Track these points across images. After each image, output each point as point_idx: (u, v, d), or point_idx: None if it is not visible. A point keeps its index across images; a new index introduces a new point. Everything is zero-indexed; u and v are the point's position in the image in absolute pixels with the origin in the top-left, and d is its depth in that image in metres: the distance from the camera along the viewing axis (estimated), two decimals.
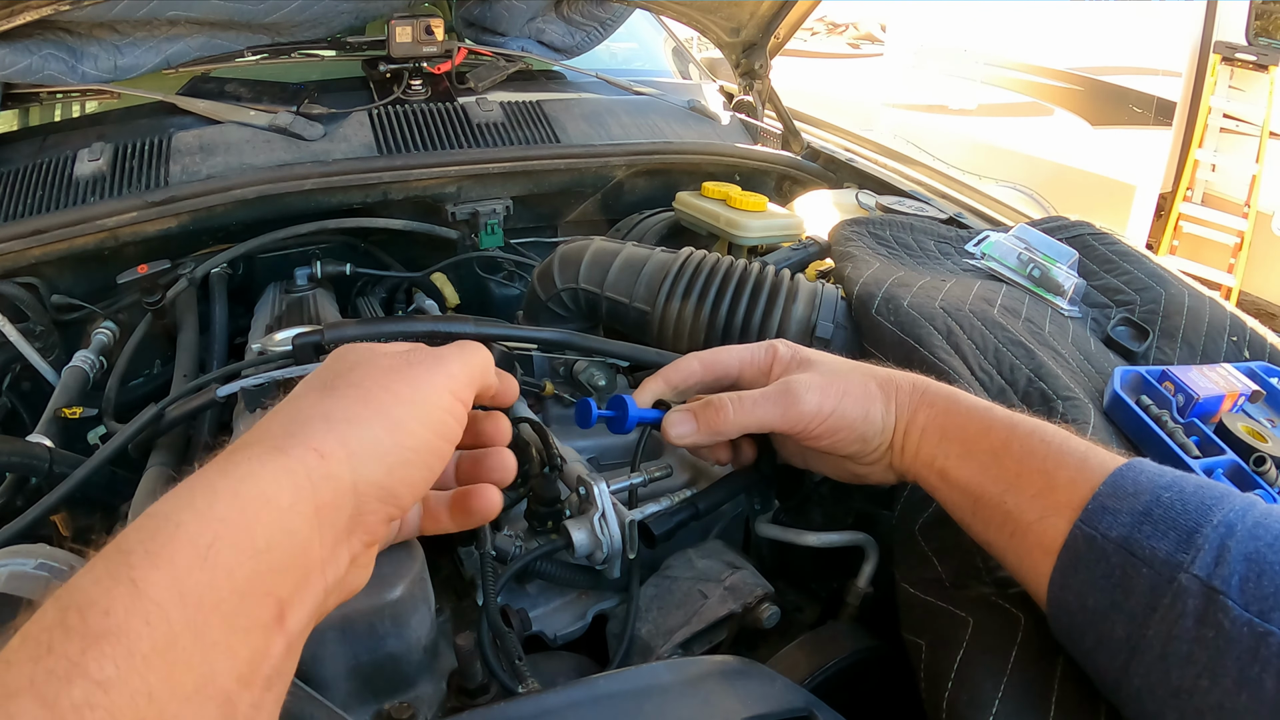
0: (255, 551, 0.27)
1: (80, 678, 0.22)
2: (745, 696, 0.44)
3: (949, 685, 0.45)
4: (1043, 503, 0.43)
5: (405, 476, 0.35)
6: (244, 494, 0.29)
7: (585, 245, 0.90)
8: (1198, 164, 3.24)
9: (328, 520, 0.31)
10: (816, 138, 1.48)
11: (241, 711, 0.26)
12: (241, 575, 0.27)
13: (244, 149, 1.07)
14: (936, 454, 0.50)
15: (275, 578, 0.28)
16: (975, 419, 0.50)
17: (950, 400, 0.52)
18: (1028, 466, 0.45)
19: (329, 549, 0.31)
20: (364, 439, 0.33)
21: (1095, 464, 0.44)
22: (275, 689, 0.28)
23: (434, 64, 1.24)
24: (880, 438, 0.53)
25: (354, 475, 0.32)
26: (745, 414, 0.53)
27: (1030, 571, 0.44)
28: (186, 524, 0.27)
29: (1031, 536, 0.43)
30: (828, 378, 0.53)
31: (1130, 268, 0.93)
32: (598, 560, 0.59)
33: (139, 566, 0.25)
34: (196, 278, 0.95)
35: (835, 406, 0.52)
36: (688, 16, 1.46)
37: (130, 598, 0.24)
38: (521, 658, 0.51)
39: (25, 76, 1.00)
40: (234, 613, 0.26)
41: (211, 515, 0.27)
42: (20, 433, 0.80)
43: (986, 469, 0.47)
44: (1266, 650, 0.34)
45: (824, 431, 0.52)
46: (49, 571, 0.57)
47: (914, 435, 0.52)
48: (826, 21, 5.49)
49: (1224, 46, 3.12)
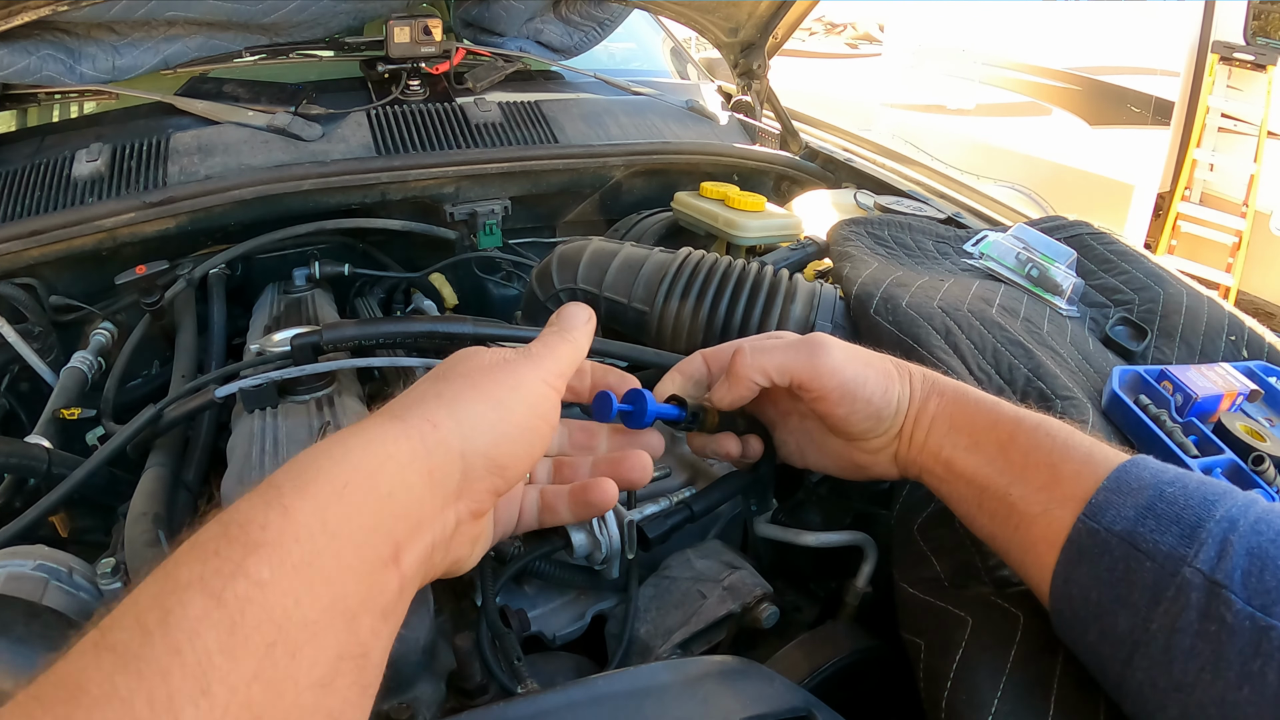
0: (379, 496, 0.32)
1: (242, 576, 0.27)
2: (744, 696, 0.44)
3: (948, 685, 0.45)
4: (1047, 495, 0.44)
5: (509, 450, 0.39)
6: (372, 449, 0.34)
7: (583, 245, 0.90)
8: (1196, 164, 3.24)
9: (438, 481, 0.36)
10: (815, 138, 1.48)
11: (362, 635, 0.30)
12: (368, 514, 0.32)
13: (242, 149, 1.07)
14: (944, 444, 0.50)
15: (394, 522, 0.33)
16: (983, 411, 0.50)
17: (959, 391, 0.52)
18: (1033, 459, 0.45)
19: (438, 508, 0.36)
20: (471, 414, 0.38)
21: (1100, 458, 0.44)
22: (389, 622, 0.32)
23: (432, 64, 1.24)
24: (893, 420, 0.52)
25: (462, 444, 0.37)
26: (765, 355, 0.53)
27: (1034, 565, 0.44)
28: (326, 469, 0.32)
29: (1036, 529, 0.44)
30: (852, 348, 0.53)
31: (1128, 267, 0.93)
32: (596, 560, 0.59)
33: (289, 496, 0.30)
34: (195, 278, 0.95)
35: (858, 373, 0.51)
36: (686, 16, 1.46)
37: (282, 519, 0.29)
38: (520, 658, 0.51)
39: (23, 77, 1.00)
40: (362, 544, 0.31)
41: (347, 463, 0.33)
42: (19, 434, 0.80)
43: (993, 460, 0.47)
44: (1268, 644, 0.34)
45: (842, 396, 0.51)
46: (47, 573, 0.58)
47: (924, 423, 0.52)
48: (825, 21, 5.50)
49: (1222, 46, 3.12)
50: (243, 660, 0.26)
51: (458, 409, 0.38)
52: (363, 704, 0.31)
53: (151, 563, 0.58)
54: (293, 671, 0.27)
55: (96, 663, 0.25)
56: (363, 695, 0.31)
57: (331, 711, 0.29)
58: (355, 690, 0.30)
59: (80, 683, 0.24)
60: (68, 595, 0.58)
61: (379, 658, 0.32)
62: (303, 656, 0.28)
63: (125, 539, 0.62)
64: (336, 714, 0.29)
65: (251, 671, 0.26)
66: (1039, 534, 0.43)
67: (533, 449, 0.41)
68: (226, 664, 0.26)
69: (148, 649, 0.25)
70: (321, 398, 0.70)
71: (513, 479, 0.40)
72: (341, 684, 0.29)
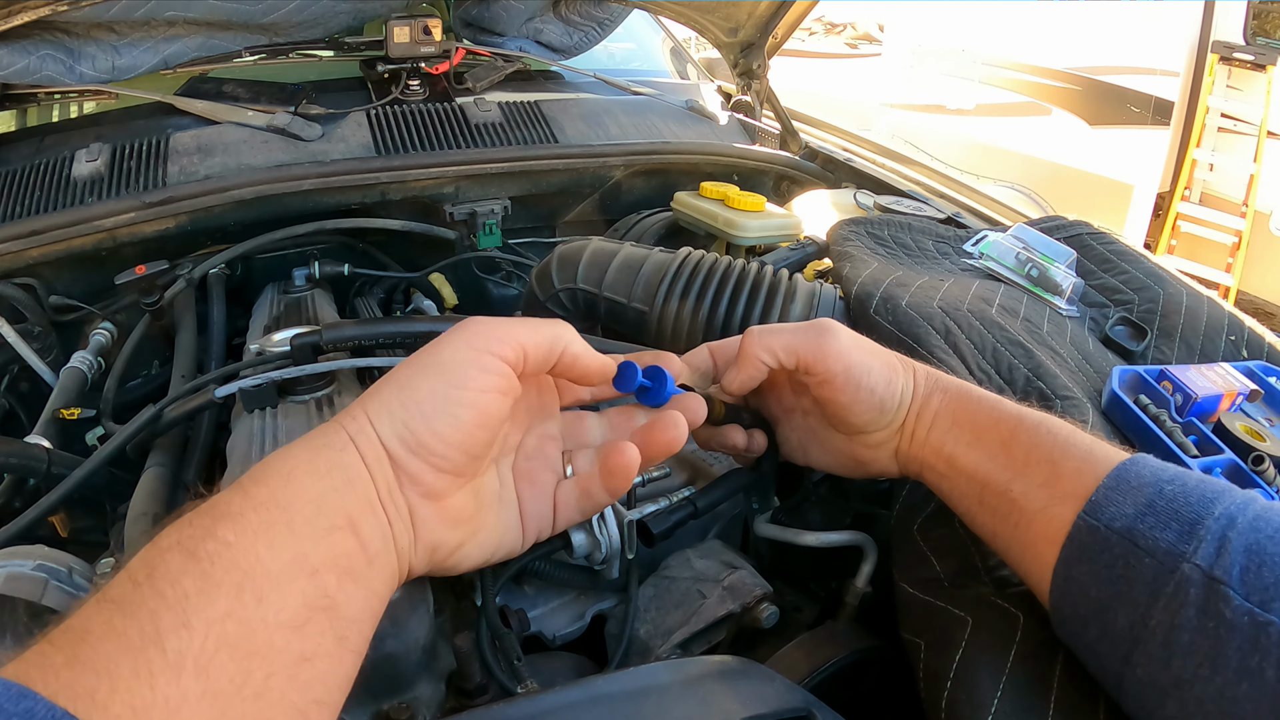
0: (319, 475, 0.38)
1: (212, 538, 0.33)
2: (744, 696, 0.44)
3: (948, 685, 0.45)
4: (1048, 492, 0.44)
5: (423, 427, 0.40)
6: (309, 443, 0.39)
7: (583, 245, 0.90)
8: (1195, 163, 3.24)
9: (374, 467, 0.39)
10: (814, 137, 1.48)
11: (327, 588, 0.35)
12: (314, 491, 0.37)
13: (242, 149, 1.07)
14: (946, 440, 0.50)
15: (339, 495, 0.38)
16: (985, 408, 0.50)
17: (961, 388, 0.52)
18: (1035, 456, 0.46)
19: (385, 490, 0.40)
20: (377, 400, 0.41)
21: (1100, 456, 0.44)
22: (361, 585, 0.37)
23: (432, 64, 1.24)
24: (896, 413, 0.52)
25: (376, 430, 0.40)
26: (773, 336, 0.53)
27: (1034, 563, 0.44)
28: (275, 464, 0.38)
29: (1036, 526, 0.44)
30: (859, 336, 0.54)
31: (1128, 267, 0.93)
32: (596, 560, 0.59)
33: (246, 484, 0.36)
34: (194, 278, 0.95)
35: (863, 360, 0.52)
36: (685, 16, 1.46)
37: (243, 499, 0.35)
38: (520, 658, 0.51)
39: (23, 77, 1.00)
40: (314, 515, 0.36)
41: (290, 457, 0.38)
42: (18, 434, 0.80)
43: (995, 457, 0.47)
44: (1266, 640, 0.34)
45: (847, 383, 0.51)
46: (47, 573, 0.57)
47: (926, 418, 0.52)
48: (824, 21, 5.49)
49: (1222, 46, 3.12)
50: (216, 600, 0.31)
51: (369, 400, 0.41)
52: (339, 654, 0.35)
53: None
54: (261, 613, 0.32)
55: (97, 611, 0.30)
56: (339, 646, 0.35)
57: (304, 652, 0.33)
58: (330, 639, 0.35)
59: (85, 626, 0.30)
60: (68, 595, 0.57)
61: (353, 613, 0.36)
62: (269, 601, 0.33)
63: (125, 539, 0.62)
64: (309, 654, 0.33)
65: (224, 609, 0.31)
66: (1039, 531, 0.43)
67: (456, 419, 0.40)
68: (202, 602, 0.31)
69: (137, 594, 0.31)
70: (321, 398, 0.70)
71: (446, 453, 0.40)
72: (312, 630, 0.34)
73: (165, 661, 0.29)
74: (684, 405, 0.51)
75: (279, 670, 0.32)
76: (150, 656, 0.29)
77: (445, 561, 0.44)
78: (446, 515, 0.42)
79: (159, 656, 0.29)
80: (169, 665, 0.29)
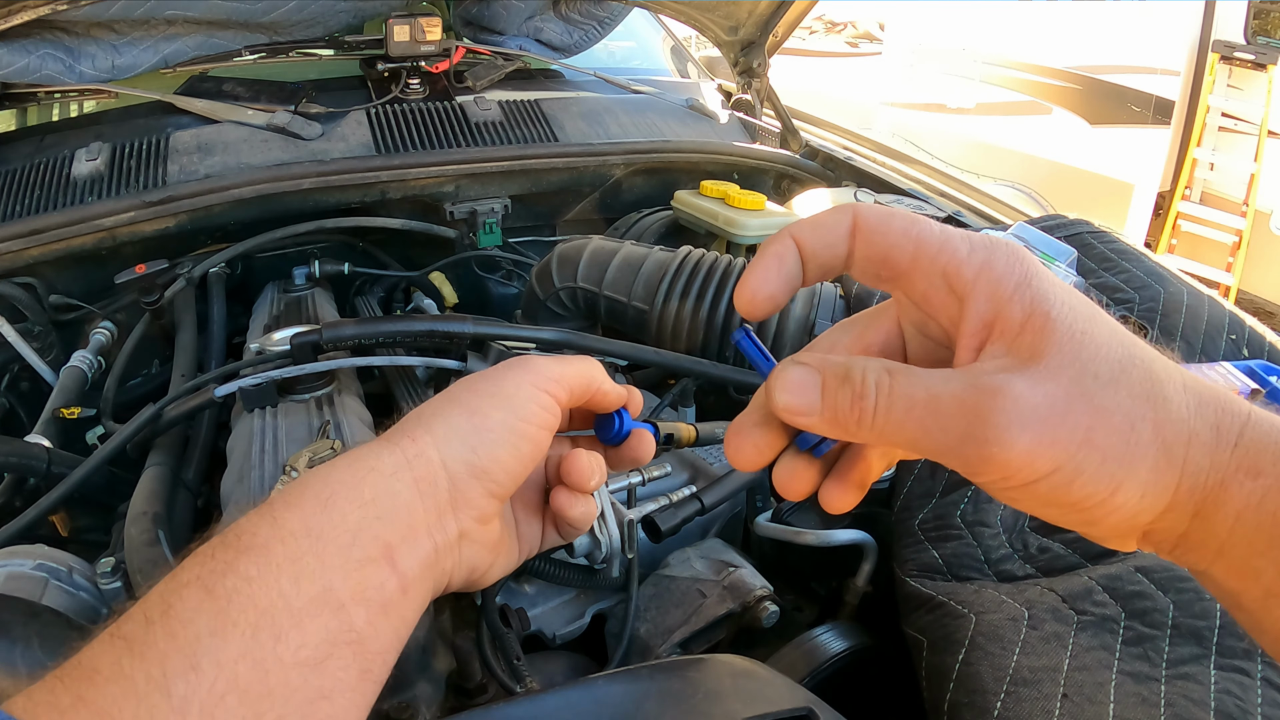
0: (362, 502, 0.36)
1: (232, 574, 0.32)
2: (745, 696, 0.44)
3: (950, 685, 0.45)
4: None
5: (489, 454, 0.40)
6: (356, 465, 0.38)
7: (583, 244, 0.90)
8: (1196, 163, 3.24)
9: (427, 491, 0.38)
10: (815, 136, 1.48)
11: (355, 623, 0.34)
12: (353, 519, 0.35)
13: (242, 148, 1.07)
14: (1265, 566, 0.27)
15: (380, 524, 0.36)
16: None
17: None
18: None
19: (434, 515, 0.39)
20: (446, 424, 0.40)
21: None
22: (391, 617, 0.35)
23: (432, 63, 1.24)
24: (1133, 519, 0.28)
25: (440, 454, 0.39)
26: (897, 422, 0.29)
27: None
28: (314, 485, 0.36)
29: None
30: (1068, 397, 0.27)
31: (1129, 266, 0.93)
32: (597, 560, 0.59)
33: (278, 509, 0.35)
34: (194, 277, 0.95)
35: (1062, 462, 0.27)
36: (686, 15, 1.45)
37: (271, 528, 0.34)
38: (520, 657, 0.51)
39: (23, 76, 1.00)
40: (348, 545, 0.35)
41: (332, 478, 0.37)
42: (19, 433, 0.80)
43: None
44: None
45: (1023, 482, 0.28)
46: (47, 572, 0.57)
47: (1217, 525, 0.28)
48: (825, 20, 5.49)
49: (1222, 45, 3.11)
50: (230, 641, 0.30)
51: (434, 423, 0.40)
52: (361, 687, 0.34)
53: (152, 563, 0.59)
54: (278, 652, 0.31)
55: (108, 649, 0.30)
56: (362, 679, 0.34)
57: (321, 689, 0.32)
58: (353, 673, 0.33)
59: (95, 665, 0.29)
60: (68, 595, 0.57)
61: (380, 646, 0.35)
62: (288, 639, 0.31)
63: (125, 538, 0.62)
64: (327, 692, 0.32)
65: (237, 651, 0.30)
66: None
67: (518, 450, 0.41)
68: (214, 644, 0.30)
69: (149, 635, 0.30)
70: (321, 397, 0.70)
71: (504, 481, 0.41)
72: (333, 665, 0.33)
73: (169, 707, 0.29)
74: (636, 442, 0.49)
75: (291, 712, 0.31)
76: (154, 702, 0.29)
77: (478, 583, 0.44)
78: (489, 538, 0.43)
79: (163, 702, 0.29)
80: (173, 711, 0.29)
